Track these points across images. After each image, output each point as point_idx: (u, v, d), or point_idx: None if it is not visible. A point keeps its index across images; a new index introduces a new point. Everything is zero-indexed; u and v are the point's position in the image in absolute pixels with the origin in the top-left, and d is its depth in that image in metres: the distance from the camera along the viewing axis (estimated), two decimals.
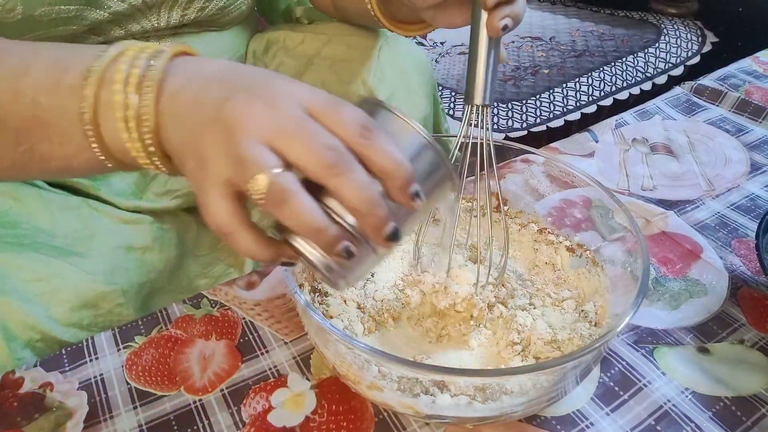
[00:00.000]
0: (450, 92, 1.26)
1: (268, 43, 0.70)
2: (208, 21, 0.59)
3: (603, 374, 0.48)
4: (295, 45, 0.70)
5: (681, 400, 0.46)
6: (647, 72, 1.30)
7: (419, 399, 0.39)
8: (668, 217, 0.65)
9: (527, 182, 0.58)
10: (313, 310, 0.39)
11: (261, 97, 0.31)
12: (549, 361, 0.42)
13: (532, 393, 0.39)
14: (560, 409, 0.46)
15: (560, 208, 0.56)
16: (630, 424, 0.44)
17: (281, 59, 0.69)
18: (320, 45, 0.70)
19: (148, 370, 0.50)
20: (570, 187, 0.55)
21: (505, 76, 1.29)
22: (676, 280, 0.57)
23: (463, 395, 0.39)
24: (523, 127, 1.16)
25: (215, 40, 0.62)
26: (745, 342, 0.51)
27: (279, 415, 0.46)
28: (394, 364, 0.37)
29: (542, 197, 0.57)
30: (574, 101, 1.22)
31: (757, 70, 0.92)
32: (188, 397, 0.48)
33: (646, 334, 0.52)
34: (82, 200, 0.57)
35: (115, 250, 0.59)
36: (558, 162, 0.54)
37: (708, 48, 1.37)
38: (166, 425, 0.46)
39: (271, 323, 0.54)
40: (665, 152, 0.76)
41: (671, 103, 0.86)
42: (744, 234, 0.62)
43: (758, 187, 0.69)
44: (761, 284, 0.56)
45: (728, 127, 0.80)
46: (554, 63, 1.32)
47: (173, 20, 0.56)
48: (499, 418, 0.40)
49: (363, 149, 0.31)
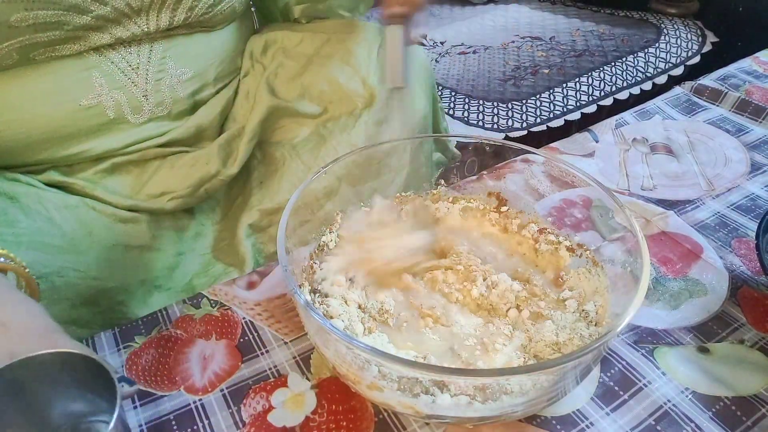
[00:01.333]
0: (449, 92, 1.25)
1: (267, 43, 0.70)
2: (200, 22, 0.59)
3: (603, 374, 0.48)
4: (294, 45, 0.70)
5: (681, 400, 0.46)
6: (647, 72, 1.30)
7: (419, 399, 0.39)
8: (668, 217, 0.65)
9: (527, 182, 0.58)
10: (313, 310, 0.39)
11: None
12: (549, 361, 0.42)
13: (532, 393, 0.39)
14: (560, 409, 0.46)
15: (560, 208, 0.56)
16: (630, 424, 0.44)
17: (280, 60, 0.69)
18: (319, 44, 0.70)
19: (148, 370, 0.50)
20: (570, 187, 0.55)
21: (505, 75, 1.29)
22: (676, 279, 0.57)
23: (463, 395, 0.39)
24: (523, 127, 1.16)
25: (206, 40, 0.62)
26: (745, 342, 0.51)
27: (279, 415, 0.46)
28: (394, 364, 0.37)
29: (542, 197, 0.57)
30: (574, 101, 1.22)
31: (757, 70, 0.92)
32: (188, 397, 0.48)
33: (646, 334, 0.52)
34: (80, 199, 0.57)
35: (113, 248, 0.59)
36: (558, 162, 0.54)
37: (708, 48, 1.37)
38: (166, 425, 0.46)
39: (271, 323, 0.54)
40: (665, 152, 0.76)
41: (671, 102, 0.86)
42: (744, 234, 0.62)
43: (758, 187, 0.69)
44: (761, 284, 0.56)
45: (728, 127, 0.80)
46: (554, 63, 1.32)
47: (162, 23, 0.55)
48: (499, 418, 0.40)
49: None
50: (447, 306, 0.49)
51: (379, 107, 0.67)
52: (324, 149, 0.66)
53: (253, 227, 0.67)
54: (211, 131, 0.65)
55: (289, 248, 0.45)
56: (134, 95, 0.57)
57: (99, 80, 0.54)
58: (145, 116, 0.59)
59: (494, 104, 1.19)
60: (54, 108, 0.53)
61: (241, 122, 0.67)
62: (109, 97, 0.55)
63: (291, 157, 0.67)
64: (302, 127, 0.68)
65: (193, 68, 0.61)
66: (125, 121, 0.58)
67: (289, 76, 0.68)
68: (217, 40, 0.64)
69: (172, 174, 0.62)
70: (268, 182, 0.68)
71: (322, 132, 0.67)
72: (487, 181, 0.60)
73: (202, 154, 0.63)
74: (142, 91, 0.57)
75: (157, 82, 0.58)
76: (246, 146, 0.65)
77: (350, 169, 0.61)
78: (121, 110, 0.57)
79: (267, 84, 0.67)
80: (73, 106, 0.54)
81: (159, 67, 0.57)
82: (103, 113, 0.56)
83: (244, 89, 0.68)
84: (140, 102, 0.58)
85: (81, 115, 0.55)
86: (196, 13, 0.57)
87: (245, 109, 0.67)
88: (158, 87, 0.58)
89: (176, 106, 0.61)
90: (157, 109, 0.59)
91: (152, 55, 0.57)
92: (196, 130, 0.64)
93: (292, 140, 0.68)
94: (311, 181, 0.50)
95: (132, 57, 0.55)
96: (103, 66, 0.54)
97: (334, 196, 0.60)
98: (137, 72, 0.56)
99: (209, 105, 0.65)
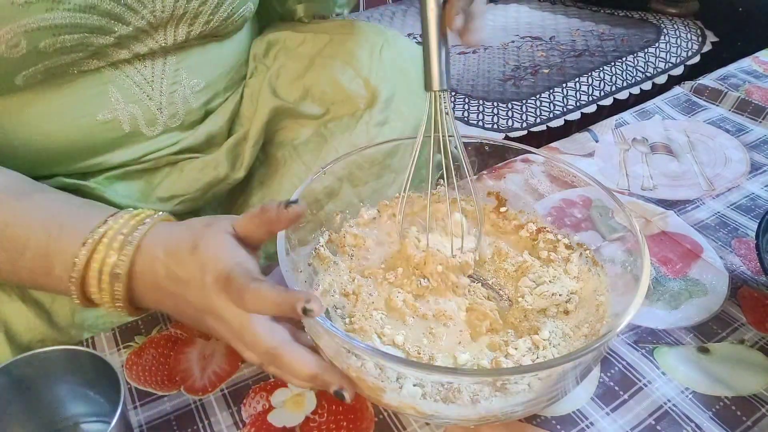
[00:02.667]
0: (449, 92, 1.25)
1: (269, 44, 0.70)
2: (213, 32, 0.59)
3: (603, 374, 0.48)
4: (296, 46, 0.70)
5: (681, 400, 0.46)
6: (647, 72, 1.30)
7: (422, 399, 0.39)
8: (668, 217, 0.65)
9: (527, 182, 0.58)
10: None
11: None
12: (549, 361, 0.42)
13: (532, 393, 0.39)
14: (560, 409, 0.46)
15: (560, 208, 0.56)
16: (630, 424, 0.45)
17: (282, 61, 0.69)
18: (321, 45, 0.69)
19: (148, 369, 0.50)
20: (570, 187, 0.55)
21: (505, 75, 1.29)
22: (676, 279, 0.57)
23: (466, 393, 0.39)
24: (523, 127, 1.16)
25: (218, 50, 0.62)
26: (745, 342, 0.51)
27: (279, 415, 0.46)
28: (395, 364, 0.37)
29: (542, 197, 0.57)
30: (574, 101, 1.22)
31: (757, 69, 0.92)
32: (188, 397, 0.48)
33: (646, 334, 0.52)
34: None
35: None
36: (558, 162, 0.54)
37: (708, 48, 1.37)
38: (166, 425, 0.46)
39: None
40: (665, 152, 0.76)
41: (671, 102, 0.86)
42: (744, 234, 0.62)
43: (758, 187, 0.69)
44: (761, 284, 0.56)
45: (728, 127, 0.80)
46: (554, 63, 1.32)
47: (180, 37, 0.55)
48: (499, 418, 0.40)
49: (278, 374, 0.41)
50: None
51: (381, 108, 0.66)
52: (325, 150, 0.66)
53: None
54: (220, 137, 0.66)
55: (288, 249, 0.45)
56: (149, 108, 0.57)
57: (115, 95, 0.54)
58: (159, 128, 0.59)
59: (494, 104, 1.19)
60: (71, 124, 0.53)
61: (246, 125, 0.67)
62: (125, 111, 0.55)
63: (292, 157, 0.67)
64: (304, 128, 0.68)
65: (206, 79, 0.61)
66: (140, 134, 0.58)
67: (291, 77, 0.68)
68: (228, 49, 0.64)
69: (181, 178, 0.62)
70: (268, 182, 0.68)
71: (324, 133, 0.67)
72: (487, 181, 0.60)
73: (211, 159, 0.63)
74: (157, 104, 0.57)
75: (171, 95, 0.58)
76: (251, 150, 0.65)
77: (351, 170, 0.61)
78: (137, 123, 0.57)
79: (269, 85, 0.67)
80: (90, 121, 0.54)
81: (173, 79, 0.57)
82: (119, 127, 0.56)
83: (249, 91, 0.68)
84: (155, 114, 0.58)
85: (97, 130, 0.55)
86: (212, 25, 0.57)
87: (250, 112, 0.67)
88: (172, 99, 0.58)
89: (189, 116, 0.61)
90: (171, 120, 0.59)
91: (166, 67, 0.57)
92: (207, 137, 0.64)
93: (293, 141, 0.67)
94: (311, 181, 0.50)
95: (147, 70, 0.55)
96: (119, 80, 0.54)
97: (335, 196, 0.60)
98: (152, 85, 0.56)
99: (218, 112, 0.65)
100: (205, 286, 0.39)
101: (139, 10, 0.50)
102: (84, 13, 0.47)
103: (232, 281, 0.38)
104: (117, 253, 0.41)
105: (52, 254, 0.41)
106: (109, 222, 0.42)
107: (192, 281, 0.40)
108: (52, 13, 0.45)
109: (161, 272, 0.41)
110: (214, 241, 0.41)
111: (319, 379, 0.40)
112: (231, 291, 0.38)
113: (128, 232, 0.41)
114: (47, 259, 0.41)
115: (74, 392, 0.41)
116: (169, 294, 0.41)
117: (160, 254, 0.41)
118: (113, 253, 0.41)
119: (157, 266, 0.41)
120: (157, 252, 0.41)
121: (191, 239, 0.41)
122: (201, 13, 0.55)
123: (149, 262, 0.41)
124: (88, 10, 0.47)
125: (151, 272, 0.41)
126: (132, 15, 0.50)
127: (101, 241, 0.41)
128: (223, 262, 0.39)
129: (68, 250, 0.41)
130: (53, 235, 0.41)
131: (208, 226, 0.42)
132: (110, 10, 0.48)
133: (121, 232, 0.41)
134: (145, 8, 0.50)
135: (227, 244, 0.41)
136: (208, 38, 0.59)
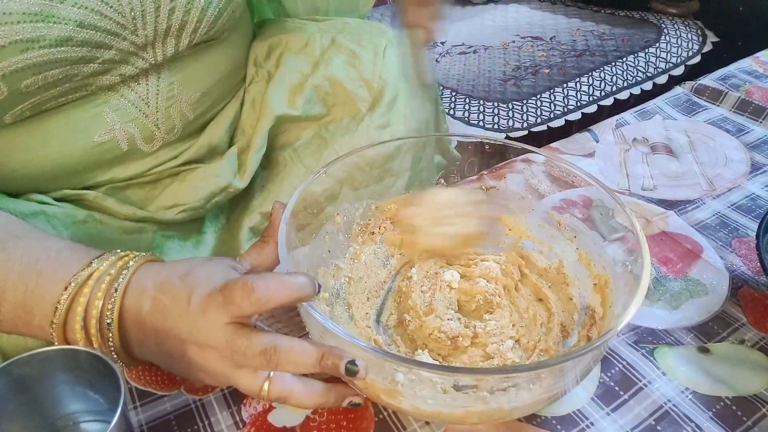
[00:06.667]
0: (450, 92, 1.25)
1: (270, 48, 0.69)
2: (203, 40, 0.58)
3: (603, 374, 0.48)
4: (299, 48, 0.69)
5: (681, 400, 0.46)
6: (648, 72, 1.30)
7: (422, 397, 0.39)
8: (668, 217, 0.65)
9: (527, 182, 0.57)
10: (314, 309, 0.39)
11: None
12: (549, 361, 0.42)
13: (532, 393, 0.39)
14: (560, 409, 0.46)
15: (560, 208, 0.56)
16: (630, 424, 0.44)
17: (284, 65, 0.68)
18: (324, 47, 0.69)
19: (148, 369, 0.50)
20: (570, 187, 0.55)
21: (505, 75, 1.29)
22: (677, 279, 0.57)
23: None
24: (523, 127, 1.16)
25: (209, 57, 0.60)
26: (746, 342, 0.51)
27: (279, 415, 0.46)
28: (396, 364, 0.37)
29: (542, 197, 0.57)
30: (575, 101, 1.22)
31: (758, 70, 0.92)
32: (188, 397, 0.48)
33: (647, 334, 0.52)
34: (89, 214, 0.56)
35: None
36: (558, 162, 0.54)
37: (708, 48, 1.37)
38: (166, 425, 0.46)
39: (271, 323, 0.54)
40: (665, 152, 0.76)
41: (672, 102, 0.86)
42: (744, 234, 0.62)
43: (759, 187, 0.69)
44: (762, 284, 0.56)
45: (729, 127, 0.80)
46: (555, 63, 1.32)
47: (169, 52, 0.54)
48: (500, 418, 0.40)
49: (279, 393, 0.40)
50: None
51: (383, 111, 0.66)
52: (326, 152, 0.66)
53: (253, 230, 0.66)
54: (222, 146, 0.65)
55: (288, 251, 0.45)
56: (146, 126, 0.56)
57: (110, 116, 0.54)
58: (158, 144, 0.58)
59: (495, 104, 1.19)
60: (68, 146, 0.53)
61: (248, 132, 0.66)
62: (122, 131, 0.55)
63: (293, 160, 0.67)
64: (304, 130, 0.67)
65: (201, 88, 0.60)
66: (138, 151, 0.57)
67: (294, 84, 0.67)
68: (222, 54, 0.62)
69: (183, 187, 0.61)
70: (269, 185, 0.67)
71: (324, 135, 0.67)
72: (487, 181, 0.60)
73: (213, 168, 0.63)
74: (153, 121, 0.57)
75: (167, 109, 0.57)
76: (254, 157, 0.64)
77: (351, 173, 0.61)
78: (134, 142, 0.56)
79: (271, 91, 0.66)
80: (87, 143, 0.53)
81: (168, 93, 0.57)
82: (116, 147, 0.55)
83: (250, 98, 0.67)
84: (152, 131, 0.57)
85: (95, 151, 0.54)
86: (200, 33, 0.56)
87: (252, 119, 0.66)
88: (168, 114, 0.57)
89: (187, 128, 0.61)
90: (169, 135, 0.59)
91: (160, 83, 0.56)
92: (208, 148, 0.63)
93: (294, 143, 0.67)
94: (311, 182, 0.50)
95: (141, 88, 0.55)
96: (113, 101, 0.53)
97: (335, 199, 0.60)
98: (147, 103, 0.55)
99: (218, 121, 0.64)
100: (188, 311, 0.38)
101: (120, 32, 0.49)
102: (61, 47, 0.45)
103: (230, 285, 0.37)
104: (104, 294, 0.39)
105: (30, 305, 0.40)
106: (94, 264, 0.40)
107: (174, 309, 0.39)
108: (27, 53, 0.43)
109: (146, 306, 0.39)
110: (208, 267, 0.40)
111: (326, 357, 0.38)
112: (231, 293, 0.37)
113: (116, 273, 0.40)
114: (25, 309, 0.40)
115: (74, 392, 0.41)
116: (150, 330, 0.40)
117: (149, 286, 0.40)
118: (100, 295, 0.39)
119: (143, 300, 0.40)
120: (147, 284, 0.40)
121: (185, 269, 0.40)
122: (186, 23, 0.53)
123: (137, 296, 0.40)
124: (65, 43, 0.45)
125: (136, 307, 0.40)
126: (113, 39, 0.49)
127: (86, 283, 0.39)
128: (216, 280, 0.39)
129: (47, 298, 0.39)
130: (30, 286, 0.40)
131: (208, 259, 0.42)
132: (88, 39, 0.47)
133: (108, 273, 0.40)
134: (125, 30, 0.49)
135: (222, 266, 0.41)
136: (199, 45, 0.58)
